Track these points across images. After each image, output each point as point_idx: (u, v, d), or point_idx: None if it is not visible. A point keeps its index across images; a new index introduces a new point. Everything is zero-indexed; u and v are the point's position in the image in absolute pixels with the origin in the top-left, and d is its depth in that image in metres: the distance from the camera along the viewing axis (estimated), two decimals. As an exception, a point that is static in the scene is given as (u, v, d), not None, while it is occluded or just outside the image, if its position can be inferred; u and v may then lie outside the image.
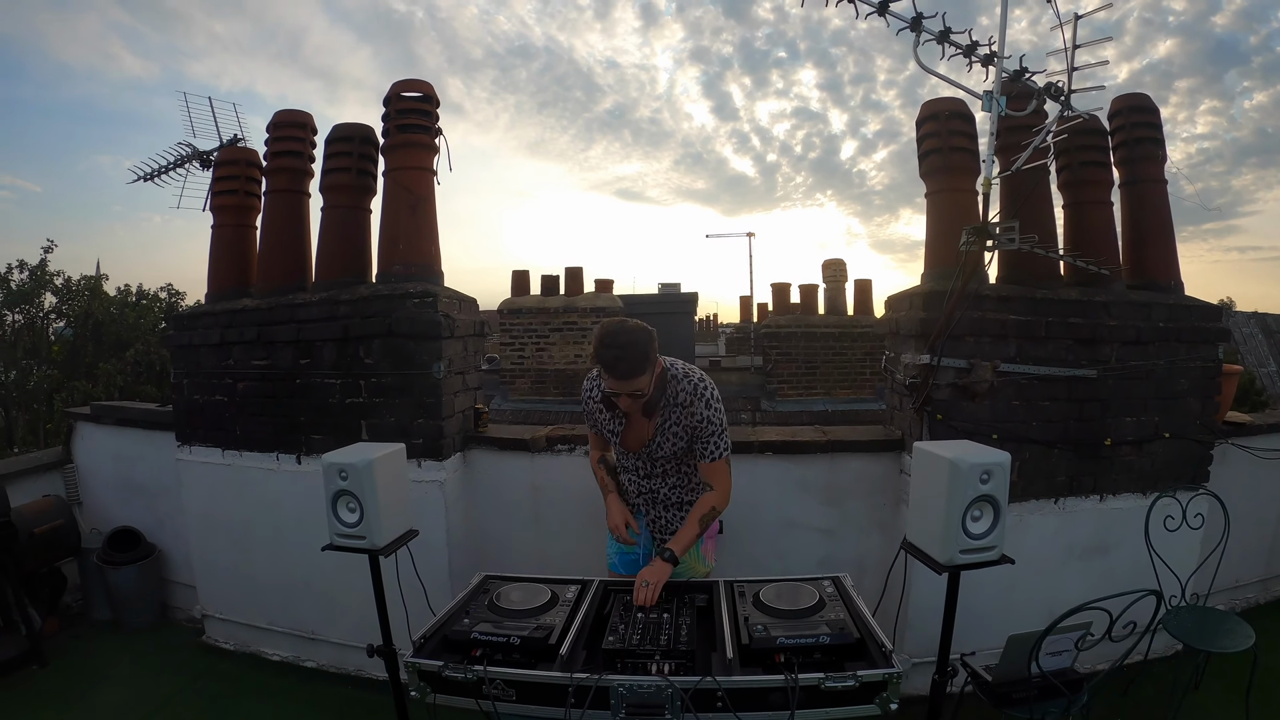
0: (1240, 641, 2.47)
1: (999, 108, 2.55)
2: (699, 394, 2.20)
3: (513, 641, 1.87)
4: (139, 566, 3.64)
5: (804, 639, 1.85)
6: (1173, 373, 2.85)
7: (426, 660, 1.85)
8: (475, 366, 3.24)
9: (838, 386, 8.81)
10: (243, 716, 2.92)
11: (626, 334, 2.04)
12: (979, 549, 1.89)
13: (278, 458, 3.12)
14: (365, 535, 2.07)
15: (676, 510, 2.41)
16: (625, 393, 2.08)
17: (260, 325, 3.10)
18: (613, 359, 2.01)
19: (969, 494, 1.83)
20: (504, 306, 9.01)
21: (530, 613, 2.02)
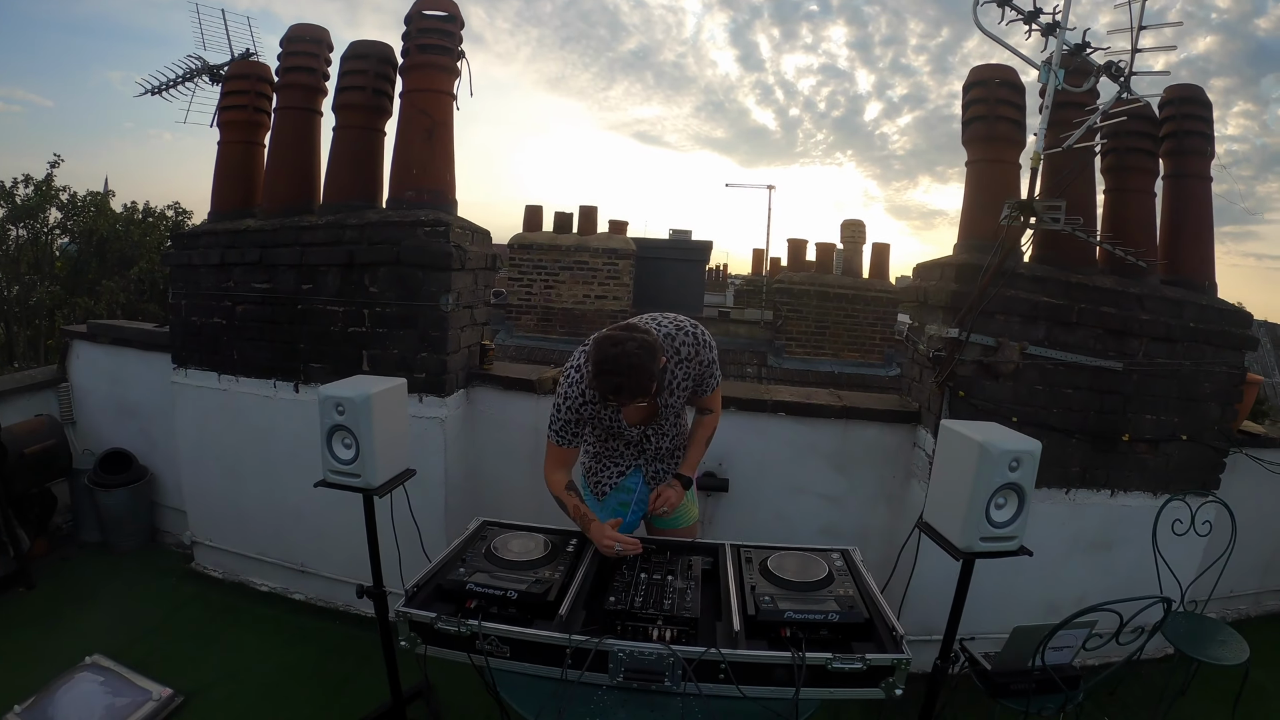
0: (1234, 654, 2.40)
1: (1057, 80, 2.33)
2: (701, 342, 2.07)
3: (509, 595, 1.73)
4: (129, 490, 3.50)
5: (812, 614, 1.73)
6: (1197, 375, 2.71)
7: (418, 611, 1.71)
8: (484, 301, 3.06)
9: (846, 349, 8.51)
10: (229, 646, 2.81)
11: (628, 359, 1.76)
12: (999, 538, 1.76)
13: (275, 385, 2.95)
14: (360, 474, 1.92)
15: (670, 458, 2.29)
16: (633, 405, 1.92)
17: (263, 247, 2.89)
18: (615, 387, 1.79)
19: (996, 480, 1.69)
20: (515, 241, 8.67)
21: (528, 565, 1.89)
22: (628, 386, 1.78)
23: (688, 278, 10.13)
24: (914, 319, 2.88)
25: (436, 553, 2.85)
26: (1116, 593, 2.89)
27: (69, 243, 9.48)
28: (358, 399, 1.88)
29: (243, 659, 2.72)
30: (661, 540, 2.09)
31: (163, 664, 2.63)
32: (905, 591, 2.16)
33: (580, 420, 2.11)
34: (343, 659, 2.76)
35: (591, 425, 2.18)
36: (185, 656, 2.71)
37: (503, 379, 2.96)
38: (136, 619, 2.94)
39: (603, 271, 8.54)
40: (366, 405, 1.88)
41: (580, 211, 8.78)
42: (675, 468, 2.28)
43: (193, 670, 2.62)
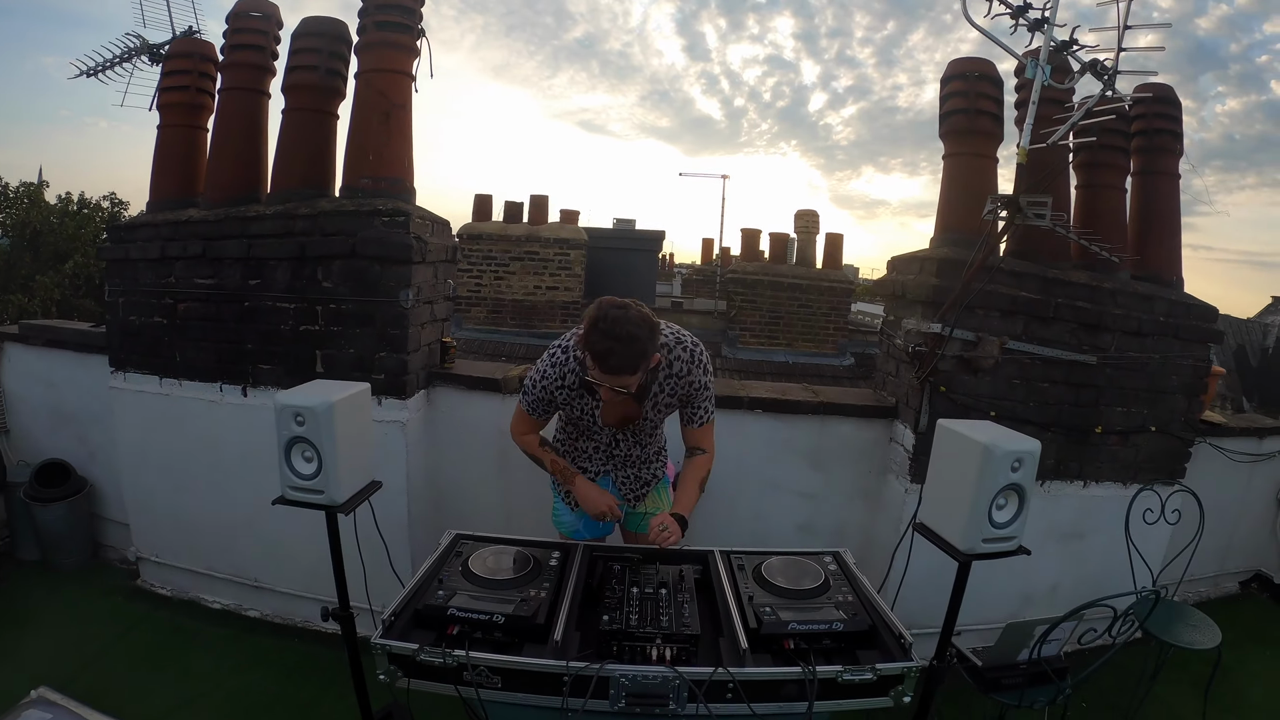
0: (1207, 639, 2.40)
1: (1044, 76, 2.26)
2: (697, 361, 1.91)
3: (496, 619, 1.55)
4: (68, 503, 3.15)
5: (817, 625, 1.60)
6: (1165, 368, 2.72)
7: (398, 642, 1.51)
8: (445, 295, 2.83)
9: (800, 339, 8.38)
10: (182, 672, 2.54)
11: (628, 324, 1.64)
12: (1000, 539, 1.68)
13: (221, 389, 2.67)
14: (323, 489, 1.71)
15: (643, 465, 2.14)
16: (614, 386, 1.71)
17: (206, 239, 2.60)
18: (605, 350, 1.64)
19: (999, 481, 1.61)
20: (464, 231, 8.20)
21: (511, 583, 1.70)
22: (618, 353, 1.63)
23: (640, 268, 9.86)
24: (890, 313, 2.79)
25: (402, 567, 2.65)
26: (1089, 582, 2.89)
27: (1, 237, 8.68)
28: (319, 408, 1.65)
29: (198, 685, 2.46)
30: (646, 549, 1.93)
31: (113, 695, 2.36)
32: (898, 594, 2.06)
33: (552, 403, 1.95)
34: (305, 681, 2.52)
35: (565, 414, 2.01)
36: (137, 685, 2.44)
37: (466, 378, 2.74)
38: (83, 645, 2.63)
39: (554, 262, 8.20)
40: (328, 414, 1.66)
41: (531, 201, 8.42)
42: (647, 477, 2.14)
43: (146, 700, 2.36)
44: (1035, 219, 2.24)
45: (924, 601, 2.19)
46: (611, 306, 1.67)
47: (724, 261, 12.58)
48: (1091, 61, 2.33)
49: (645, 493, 2.13)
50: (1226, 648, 2.40)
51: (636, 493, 2.13)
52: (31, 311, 7.33)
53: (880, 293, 2.83)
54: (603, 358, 1.64)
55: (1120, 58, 2.30)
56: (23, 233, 8.02)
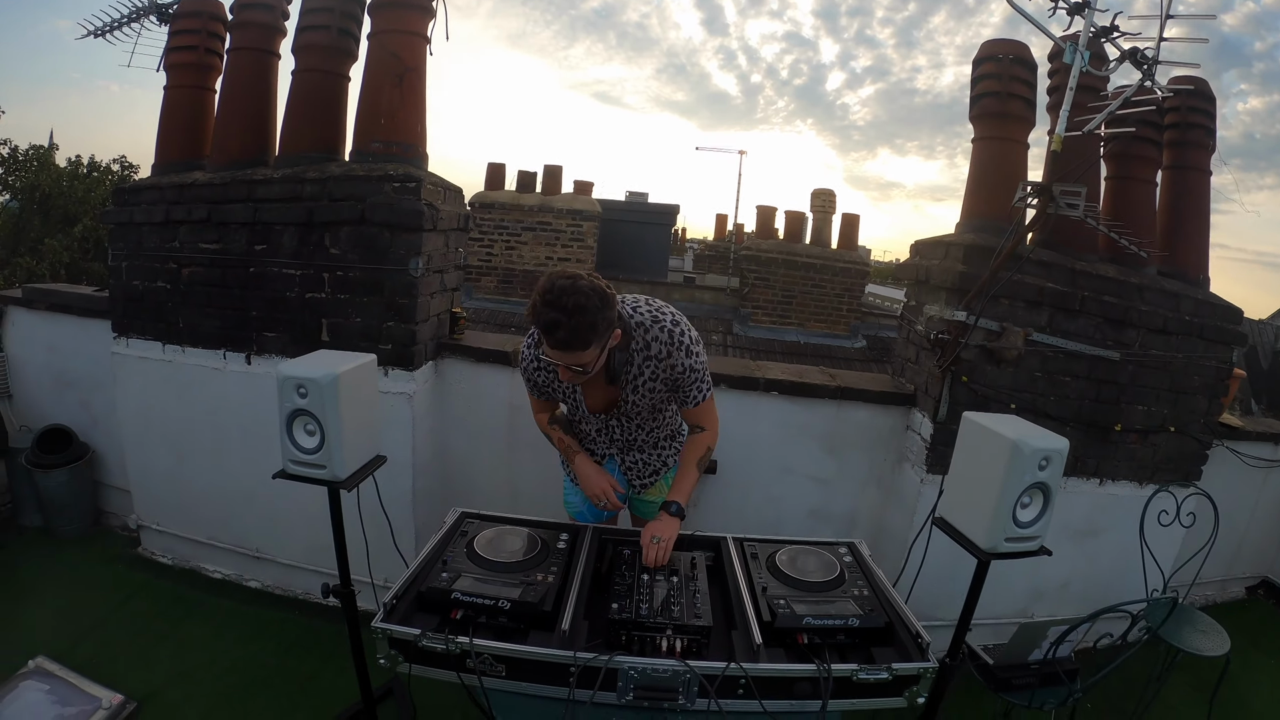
0: (1216, 645, 2.33)
1: (1082, 61, 2.13)
2: (677, 343, 1.72)
3: (501, 605, 1.48)
4: (70, 470, 3.08)
5: (832, 620, 1.53)
6: (1188, 368, 2.62)
7: (399, 627, 1.45)
8: (455, 264, 2.72)
9: (812, 319, 8.16)
10: (181, 643, 2.48)
11: (576, 295, 1.50)
12: (1023, 538, 1.61)
13: (224, 356, 2.58)
14: (325, 464, 1.63)
15: (653, 450, 2.02)
16: (565, 365, 1.59)
17: (211, 203, 2.49)
18: (551, 322, 1.50)
19: (1025, 480, 1.54)
20: (476, 200, 8.02)
21: (518, 566, 1.63)
22: (565, 326, 1.49)
23: (653, 241, 9.64)
24: (911, 298, 2.68)
25: (406, 543, 2.58)
26: (1100, 580, 2.82)
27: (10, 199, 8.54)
28: (322, 380, 1.57)
29: (197, 657, 2.41)
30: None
31: (112, 665, 2.31)
32: (913, 587, 1.99)
33: (537, 387, 1.86)
34: (305, 655, 2.46)
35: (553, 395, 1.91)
36: (135, 656, 2.38)
37: (475, 350, 2.64)
38: (82, 614, 2.58)
39: (566, 233, 7.98)
40: (333, 387, 1.58)
41: (545, 171, 8.17)
42: (656, 464, 2.03)
43: (144, 671, 2.31)
44: (1068, 209, 2.12)
45: (935, 593, 2.12)
46: (559, 277, 1.54)
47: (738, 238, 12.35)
48: (1131, 50, 2.20)
49: (653, 481, 2.04)
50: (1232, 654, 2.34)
51: (644, 480, 2.04)
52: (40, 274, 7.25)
53: (902, 277, 2.72)
54: (549, 331, 1.52)
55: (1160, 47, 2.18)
56: (32, 196, 7.90)
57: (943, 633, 2.69)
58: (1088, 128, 2.21)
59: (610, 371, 1.71)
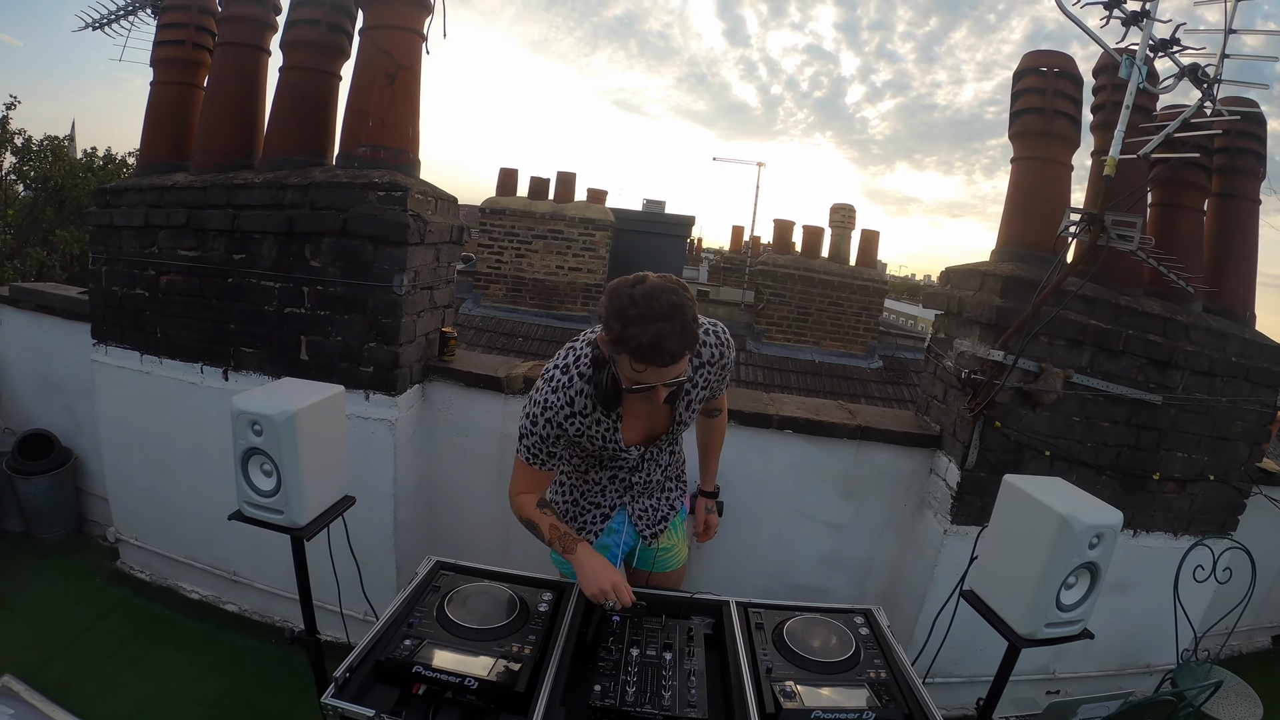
0: (1248, 715, 2.13)
1: (1139, 77, 1.89)
2: (724, 340, 1.58)
3: (468, 684, 1.27)
4: (52, 477, 2.92)
5: (845, 715, 1.31)
6: (1231, 413, 2.37)
7: (351, 705, 1.24)
8: (447, 280, 2.50)
9: (828, 337, 7.81)
10: (153, 668, 2.32)
11: (665, 294, 1.24)
12: (1065, 623, 1.40)
13: (202, 370, 2.40)
14: (283, 509, 1.44)
15: (663, 493, 1.81)
16: (664, 382, 1.32)
17: (191, 208, 2.30)
18: (657, 336, 1.22)
19: (1074, 560, 1.33)
20: (487, 205, 7.76)
21: (492, 634, 1.42)
22: (672, 334, 1.23)
23: (667, 253, 9.29)
24: (940, 329, 2.45)
25: (386, 578, 2.40)
26: (1127, 637, 2.57)
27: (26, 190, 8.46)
28: (278, 417, 1.38)
29: (168, 686, 2.24)
30: (653, 597, 1.64)
31: (81, 689, 2.17)
32: (932, 664, 1.77)
33: (561, 438, 1.55)
34: (279, 690, 2.29)
35: (574, 449, 1.62)
36: (105, 679, 2.22)
37: (465, 375, 2.42)
38: (56, 629, 2.43)
39: (578, 242, 7.69)
40: (290, 426, 1.39)
41: (558, 177, 7.87)
42: (665, 509, 1.81)
43: (111, 698, 2.15)
44: (1120, 242, 1.89)
45: (952, 646, 1.88)
46: (631, 284, 1.27)
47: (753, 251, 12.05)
48: (1192, 66, 1.96)
49: (662, 528, 1.81)
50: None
51: (654, 528, 1.80)
52: (50, 265, 7.16)
53: (931, 306, 2.49)
54: (657, 347, 1.23)
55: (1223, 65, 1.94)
56: (45, 186, 7.80)
57: (959, 690, 2.49)
58: (1144, 150, 1.96)
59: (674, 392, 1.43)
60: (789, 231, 8.43)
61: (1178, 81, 2.01)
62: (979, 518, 2.21)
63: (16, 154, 7.86)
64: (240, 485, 1.48)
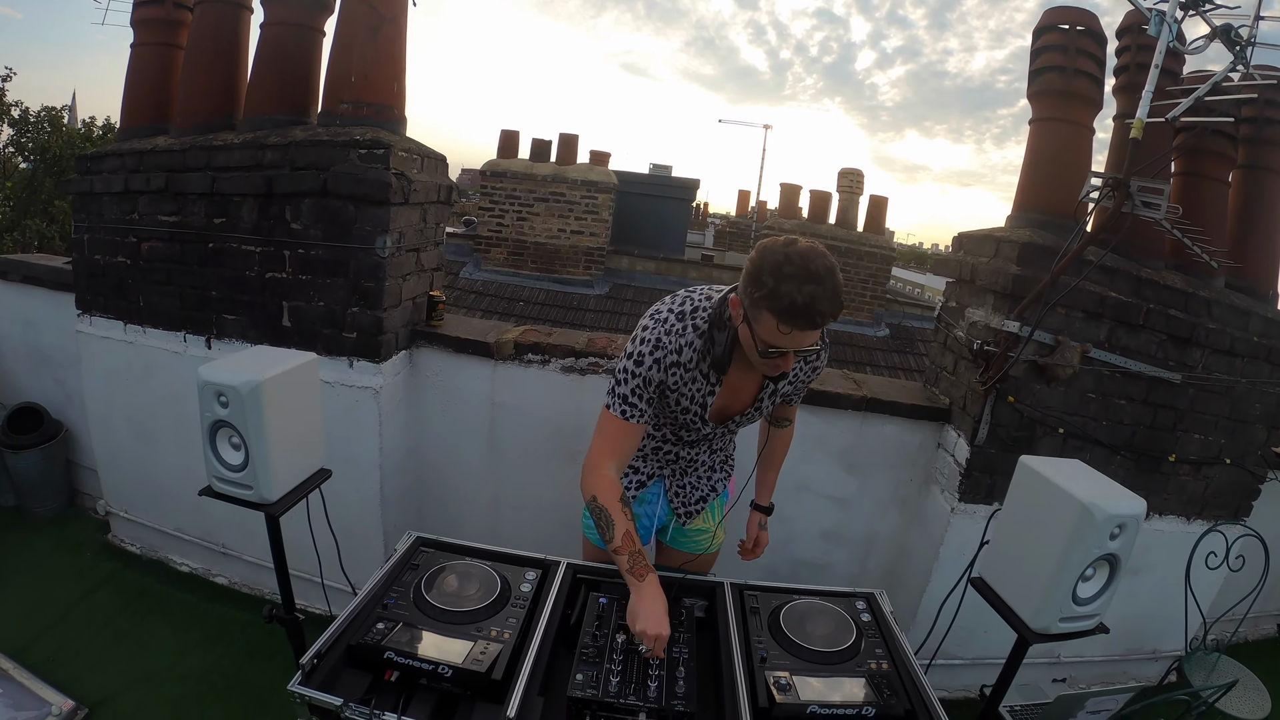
0: (1257, 709, 2.02)
1: (1170, 35, 1.74)
2: (824, 342, 1.47)
3: (442, 671, 1.18)
4: (42, 450, 2.84)
5: (843, 711, 1.22)
6: (1250, 395, 2.24)
7: (317, 693, 1.15)
8: (436, 241, 2.36)
9: None
10: (142, 643, 2.26)
11: (820, 257, 1.18)
12: (1080, 617, 1.29)
13: (185, 339, 2.29)
14: (251, 485, 1.34)
15: (708, 474, 1.72)
16: (798, 348, 1.25)
17: (170, 171, 2.18)
18: (811, 298, 1.15)
19: (1093, 551, 1.22)
20: (487, 167, 7.46)
21: (470, 616, 1.33)
22: (825, 298, 1.16)
23: (671, 217, 8.95)
24: (951, 297, 2.31)
25: (373, 550, 2.31)
26: (1134, 622, 2.46)
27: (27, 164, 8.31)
28: (243, 387, 1.28)
29: (156, 660, 2.18)
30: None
31: (69, 665, 2.11)
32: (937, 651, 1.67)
33: (657, 384, 1.39)
34: (267, 663, 2.22)
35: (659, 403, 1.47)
36: (94, 655, 2.17)
37: (454, 340, 2.30)
38: (45, 604, 2.37)
39: (580, 205, 7.37)
40: (256, 396, 1.28)
41: (560, 139, 7.55)
42: (705, 490, 1.71)
43: (100, 674, 2.10)
44: (1145, 209, 1.74)
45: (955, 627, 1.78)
46: (784, 244, 1.20)
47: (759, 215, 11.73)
48: (1225, 27, 1.79)
49: (700, 509, 1.70)
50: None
51: (690, 508, 1.69)
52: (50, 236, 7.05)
53: (943, 273, 2.35)
54: (806, 309, 1.15)
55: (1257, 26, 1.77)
56: (44, 157, 7.65)
57: (962, 672, 2.41)
58: (1172, 114, 1.81)
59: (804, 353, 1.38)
60: (796, 195, 8.13)
61: (1209, 43, 1.85)
62: (987, 496, 2.10)
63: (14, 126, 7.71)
64: (209, 459, 1.39)
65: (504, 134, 7.62)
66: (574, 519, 2.27)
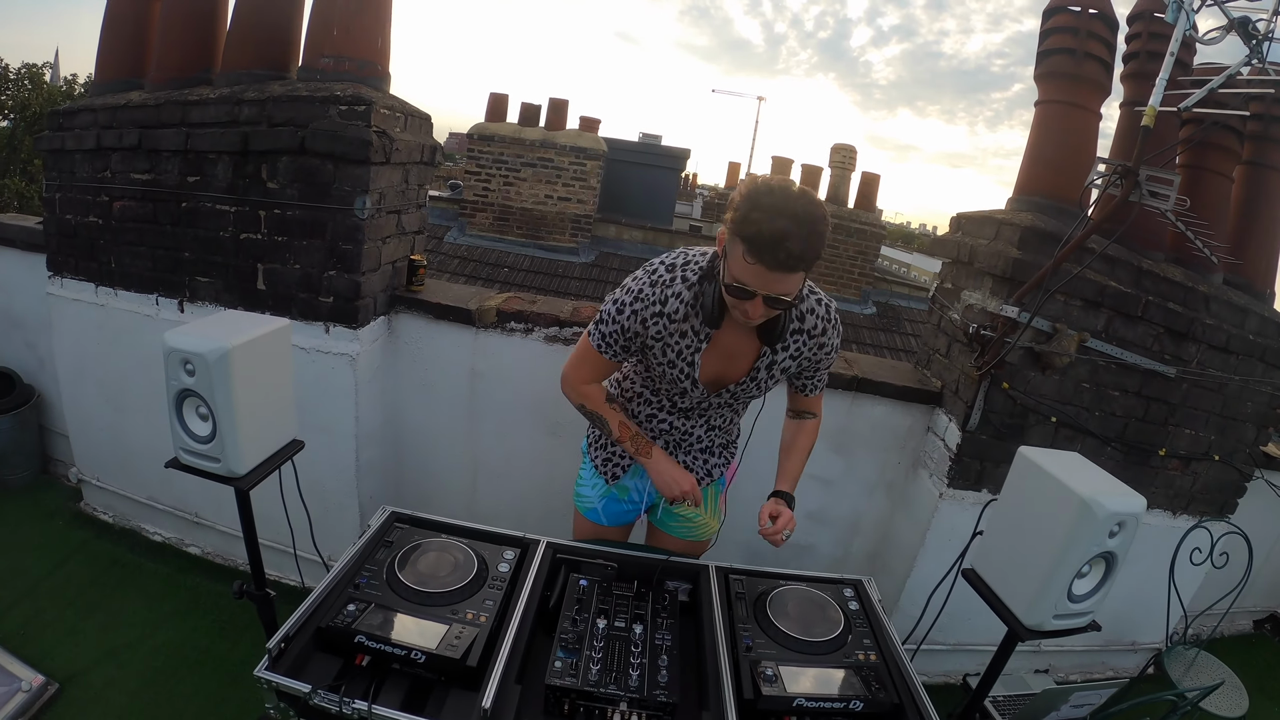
0: (1233, 705, 2.03)
1: (1187, 23, 1.66)
2: (833, 320, 1.40)
3: (415, 657, 1.11)
4: (14, 416, 2.71)
5: (831, 704, 1.16)
6: (1242, 393, 2.20)
7: (285, 679, 1.08)
8: (418, 204, 2.24)
9: (821, 280, 7.30)
10: (113, 616, 2.16)
11: (804, 200, 1.12)
12: (1074, 614, 1.24)
13: (157, 301, 2.18)
14: (219, 457, 1.25)
15: (705, 455, 1.63)
16: (775, 294, 1.18)
17: (143, 127, 2.04)
18: (779, 233, 1.09)
19: (1091, 548, 1.16)
20: (475, 130, 7.21)
21: (445, 598, 1.26)
22: (795, 236, 1.09)
23: (660, 186, 8.72)
24: (947, 279, 2.25)
25: (349, 522, 2.21)
26: (1116, 615, 2.44)
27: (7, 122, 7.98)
28: (210, 355, 1.18)
29: (127, 634, 2.09)
30: (625, 555, 1.48)
31: (40, 638, 2.03)
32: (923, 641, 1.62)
33: (639, 337, 1.38)
34: (239, 638, 2.14)
35: (644, 356, 1.44)
36: (65, 629, 2.08)
37: (434, 306, 2.19)
38: (16, 576, 2.27)
39: (569, 171, 7.15)
40: (223, 364, 1.19)
41: (550, 104, 7.30)
42: (703, 467, 1.63)
43: (71, 648, 2.01)
44: (1152, 200, 1.68)
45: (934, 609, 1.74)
46: (774, 180, 1.15)
47: None
48: (1242, 19, 1.72)
49: None
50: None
51: None
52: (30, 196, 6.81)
53: (939, 254, 2.28)
54: (776, 244, 1.10)
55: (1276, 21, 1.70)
56: (24, 115, 7.34)
57: (944, 658, 2.38)
58: (1185, 103, 1.74)
59: (775, 325, 1.32)
60: (787, 169, 7.92)
61: (1225, 34, 1.77)
62: (976, 483, 2.06)
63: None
64: (175, 430, 1.29)
65: (492, 97, 7.33)
66: (555, 491, 2.21)
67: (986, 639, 2.10)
